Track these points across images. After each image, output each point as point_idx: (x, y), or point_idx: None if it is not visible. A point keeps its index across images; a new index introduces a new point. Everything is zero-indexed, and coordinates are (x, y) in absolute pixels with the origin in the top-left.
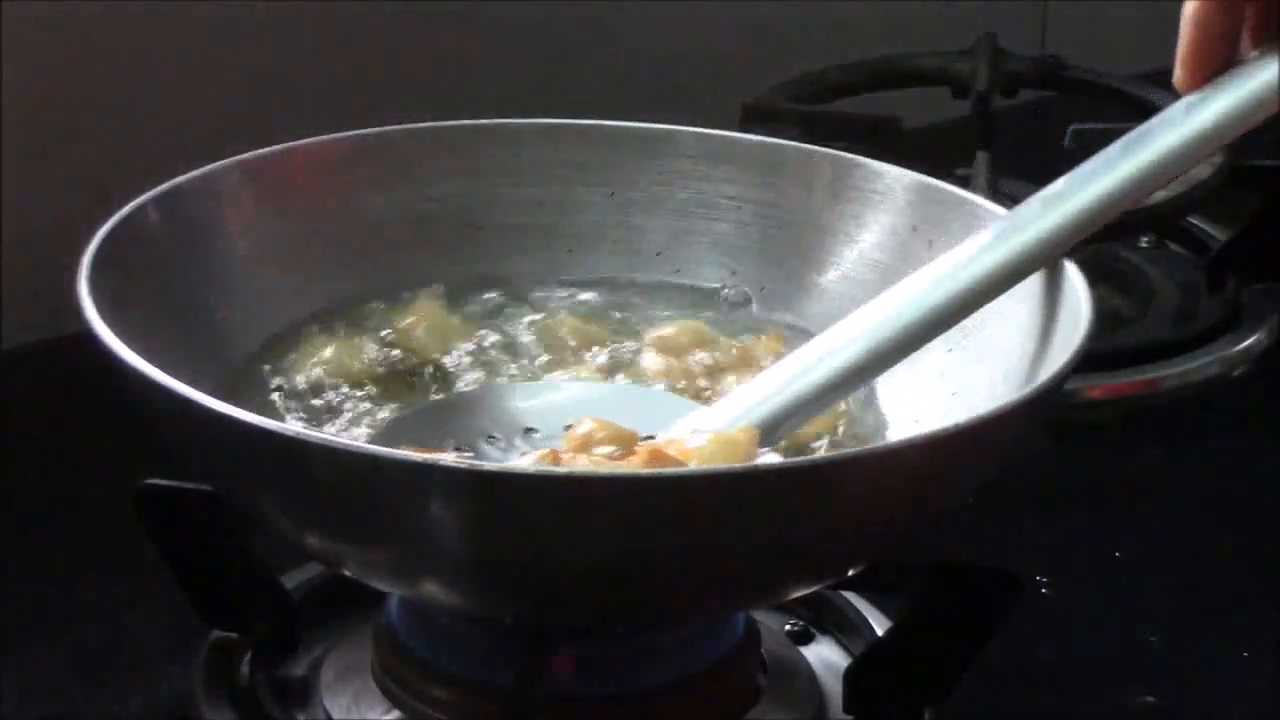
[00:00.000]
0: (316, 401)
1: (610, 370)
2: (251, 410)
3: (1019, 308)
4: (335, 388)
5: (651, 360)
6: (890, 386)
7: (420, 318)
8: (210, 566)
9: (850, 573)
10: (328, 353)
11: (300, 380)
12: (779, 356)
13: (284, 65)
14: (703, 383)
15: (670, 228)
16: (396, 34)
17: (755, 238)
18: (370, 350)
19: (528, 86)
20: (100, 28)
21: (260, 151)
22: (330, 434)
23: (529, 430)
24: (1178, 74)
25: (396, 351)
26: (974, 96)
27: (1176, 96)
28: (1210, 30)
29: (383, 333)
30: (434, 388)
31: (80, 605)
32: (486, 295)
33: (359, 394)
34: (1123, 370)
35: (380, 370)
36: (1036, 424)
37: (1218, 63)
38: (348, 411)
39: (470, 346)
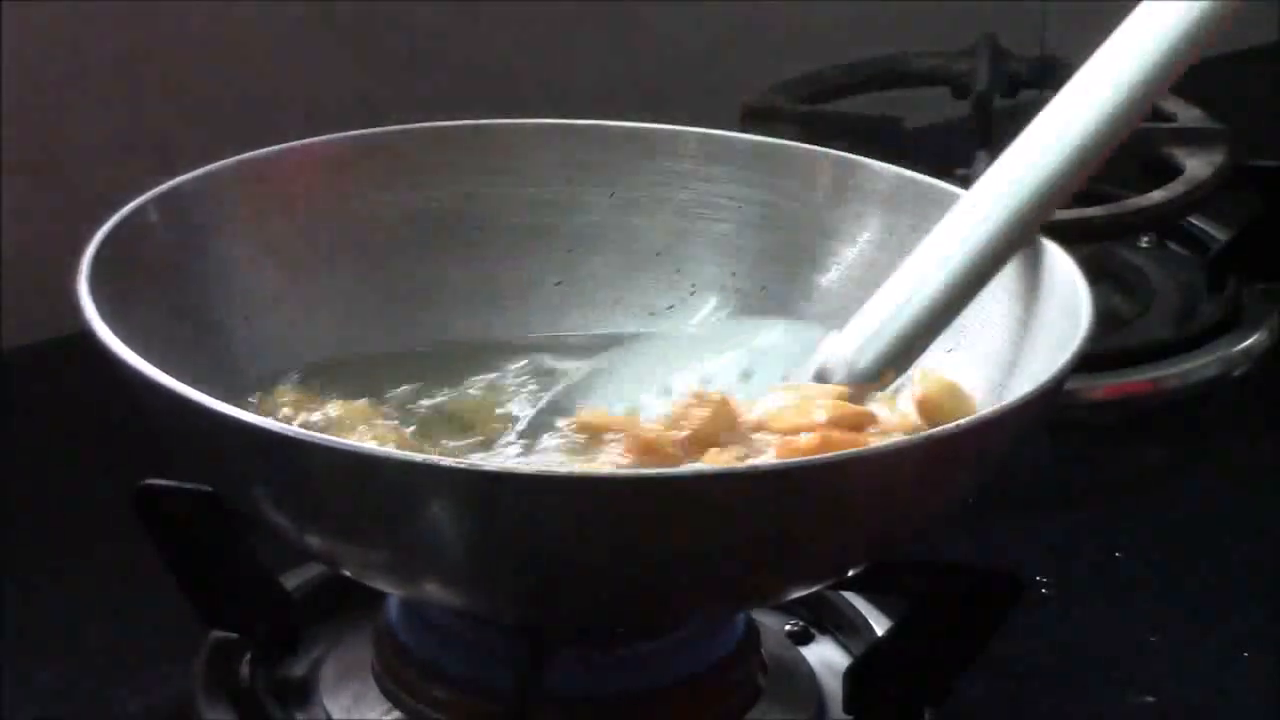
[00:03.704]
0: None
1: None
2: (252, 409)
3: (1019, 308)
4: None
5: None
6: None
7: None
8: (210, 566)
9: (850, 573)
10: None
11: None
12: None
13: (284, 65)
14: None
15: (670, 228)
16: (396, 34)
17: (756, 238)
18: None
19: (528, 86)
20: (100, 29)
21: (260, 151)
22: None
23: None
24: None
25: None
26: (974, 96)
27: (1180, 98)
28: None
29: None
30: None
31: (80, 605)
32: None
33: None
34: (1123, 370)
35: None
36: (1036, 424)
37: None
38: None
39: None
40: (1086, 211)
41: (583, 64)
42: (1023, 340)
